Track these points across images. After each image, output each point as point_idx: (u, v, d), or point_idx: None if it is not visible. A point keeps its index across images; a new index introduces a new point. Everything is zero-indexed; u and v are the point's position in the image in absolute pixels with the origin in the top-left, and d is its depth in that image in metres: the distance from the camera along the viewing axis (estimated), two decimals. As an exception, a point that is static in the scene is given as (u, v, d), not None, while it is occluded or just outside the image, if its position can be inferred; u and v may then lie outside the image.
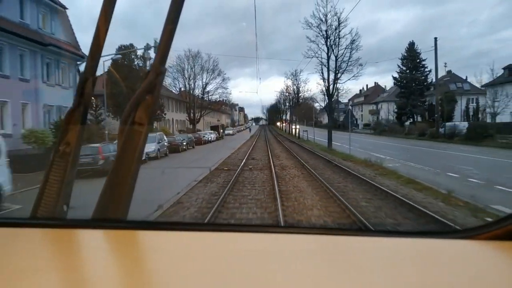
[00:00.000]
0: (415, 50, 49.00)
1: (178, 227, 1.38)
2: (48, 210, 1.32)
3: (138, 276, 0.89)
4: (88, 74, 1.37)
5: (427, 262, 0.95)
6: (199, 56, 50.80)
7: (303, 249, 1.06)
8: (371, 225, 7.12)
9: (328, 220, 7.82)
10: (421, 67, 48.86)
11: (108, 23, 1.35)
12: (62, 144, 1.36)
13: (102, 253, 1.06)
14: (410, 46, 49.11)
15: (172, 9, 1.28)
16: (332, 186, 11.23)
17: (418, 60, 48.91)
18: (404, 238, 1.20)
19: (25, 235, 1.17)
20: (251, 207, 9.14)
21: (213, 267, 0.91)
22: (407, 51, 49.47)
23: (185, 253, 1.03)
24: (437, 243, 1.09)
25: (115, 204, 1.26)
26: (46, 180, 1.35)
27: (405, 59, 49.46)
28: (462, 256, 1.00)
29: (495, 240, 1.00)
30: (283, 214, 8.06)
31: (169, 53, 1.32)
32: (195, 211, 8.72)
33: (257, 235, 1.24)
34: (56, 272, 0.92)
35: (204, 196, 10.49)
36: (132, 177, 1.28)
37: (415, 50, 49.07)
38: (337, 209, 8.73)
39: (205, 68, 51.44)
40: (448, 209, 8.25)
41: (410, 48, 49.14)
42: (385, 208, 8.79)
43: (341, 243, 1.11)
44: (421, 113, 48.90)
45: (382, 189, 10.56)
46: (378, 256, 0.99)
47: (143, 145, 1.30)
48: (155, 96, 1.30)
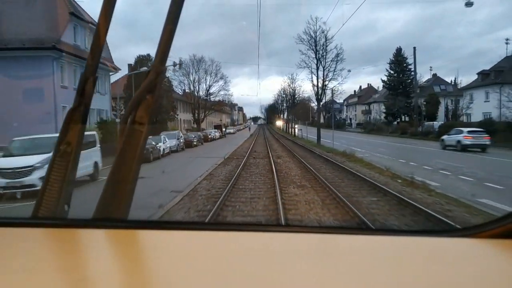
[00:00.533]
0: (402, 55, 54.16)
1: (179, 226, 1.38)
2: (49, 210, 1.32)
3: (140, 276, 0.89)
4: (88, 73, 1.36)
5: (428, 260, 0.95)
6: (203, 60, 56.16)
7: (304, 248, 1.06)
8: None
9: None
10: (407, 71, 54.03)
11: (108, 23, 1.36)
12: (63, 143, 1.35)
13: (103, 253, 1.05)
14: (397, 51, 54.32)
15: (172, 9, 1.29)
16: (312, 166, 16.39)
17: (405, 65, 54.11)
18: (405, 236, 1.22)
19: (26, 235, 1.16)
20: (257, 177, 14.33)
21: (214, 266, 0.91)
22: (395, 56, 54.64)
23: (186, 253, 1.03)
24: (437, 242, 1.09)
25: (116, 204, 1.27)
26: (47, 180, 1.35)
27: (392, 63, 54.66)
28: (463, 254, 1.00)
29: (495, 239, 1.00)
30: (278, 180, 13.09)
31: (169, 52, 1.32)
32: (222, 179, 13.88)
33: (258, 234, 1.24)
34: (57, 272, 0.91)
35: (225, 172, 15.76)
36: (133, 177, 1.28)
37: (402, 55, 54.22)
38: (309, 177, 13.93)
39: (209, 72, 56.87)
40: (377, 176, 13.48)
41: (397, 53, 54.34)
42: (340, 176, 13.97)
43: (342, 242, 1.11)
44: (407, 113, 54.06)
45: (344, 168, 15.78)
46: (379, 255, 0.99)
47: (144, 145, 1.30)
48: (156, 95, 1.30)
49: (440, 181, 12.05)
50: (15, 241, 1.09)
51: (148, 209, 8.28)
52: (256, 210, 9.07)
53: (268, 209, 9.09)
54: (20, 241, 1.10)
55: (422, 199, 9.48)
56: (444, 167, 15.38)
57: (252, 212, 8.92)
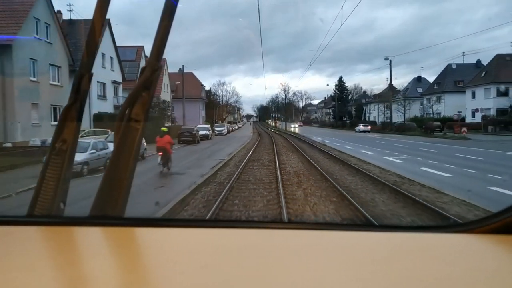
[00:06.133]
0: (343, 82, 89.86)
1: (177, 224, 1.38)
2: (45, 208, 1.31)
3: (137, 274, 0.88)
4: (84, 70, 1.34)
5: (428, 256, 0.96)
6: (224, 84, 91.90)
7: (306, 245, 1.06)
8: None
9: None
10: (345, 91, 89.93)
11: (103, 19, 1.34)
12: (59, 141, 1.34)
13: (99, 251, 1.04)
14: (339, 80, 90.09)
15: (167, 5, 1.28)
16: (295, 142, 38.31)
17: (344, 86, 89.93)
18: (406, 233, 1.24)
19: (22, 233, 1.15)
20: (265, 148, 30.48)
21: (213, 263, 0.91)
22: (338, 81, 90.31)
23: (184, 250, 1.02)
24: (438, 238, 1.11)
25: (112, 201, 1.26)
26: (43, 178, 1.34)
27: (337, 86, 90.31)
28: (462, 250, 1.01)
29: (494, 234, 1.02)
30: (276, 149, 32.17)
31: (164, 49, 1.30)
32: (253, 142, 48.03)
33: (259, 231, 1.24)
34: (53, 270, 0.91)
35: (250, 145, 34.81)
36: (130, 174, 1.28)
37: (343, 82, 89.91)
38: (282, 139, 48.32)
39: (229, 92, 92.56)
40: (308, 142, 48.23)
41: (339, 81, 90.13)
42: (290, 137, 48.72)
43: (344, 239, 1.12)
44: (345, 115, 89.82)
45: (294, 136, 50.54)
46: (381, 251, 1.00)
47: (140, 142, 1.30)
48: (152, 92, 1.29)
49: (338, 143, 36.81)
50: (11, 240, 1.08)
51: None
52: (267, 149, 42.18)
53: (269, 149, 40.36)
54: (15, 239, 1.09)
55: (327, 148, 38.33)
56: (348, 140, 40.98)
57: (264, 150, 36.45)
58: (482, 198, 9.15)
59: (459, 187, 10.77)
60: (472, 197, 9.01)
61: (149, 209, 8.03)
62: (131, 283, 0.82)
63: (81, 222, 1.24)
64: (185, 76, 47.90)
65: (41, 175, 1.35)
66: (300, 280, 0.82)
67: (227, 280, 0.82)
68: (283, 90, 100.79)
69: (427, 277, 0.83)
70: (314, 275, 0.85)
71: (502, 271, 0.88)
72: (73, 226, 1.24)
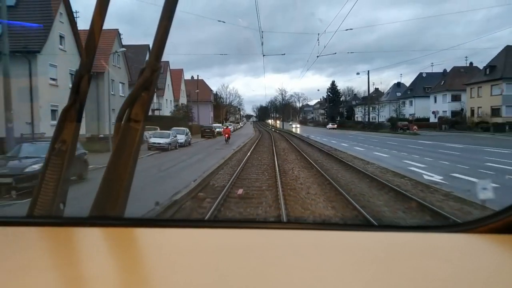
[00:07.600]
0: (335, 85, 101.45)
1: (177, 224, 1.38)
2: (44, 208, 1.31)
3: (136, 274, 0.88)
4: (83, 71, 1.33)
5: (428, 256, 0.96)
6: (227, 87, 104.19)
7: (306, 245, 1.06)
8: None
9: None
10: (337, 93, 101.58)
11: (102, 19, 1.33)
12: (58, 142, 1.34)
13: (99, 251, 1.04)
14: (332, 84, 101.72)
15: (166, 5, 1.28)
16: (287, 136, 57.63)
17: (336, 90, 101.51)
18: (406, 232, 1.23)
19: (21, 234, 1.15)
20: (266, 140, 44.89)
21: (213, 264, 0.91)
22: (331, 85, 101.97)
23: (184, 250, 1.02)
24: (438, 237, 1.11)
25: (112, 202, 1.26)
26: (43, 178, 1.34)
27: (330, 89, 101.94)
28: (462, 249, 1.01)
29: (494, 234, 1.02)
30: (274, 140, 57.89)
31: (164, 49, 1.31)
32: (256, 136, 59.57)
33: (258, 231, 1.23)
34: (53, 271, 0.91)
35: (253, 140, 46.79)
36: (129, 174, 1.27)
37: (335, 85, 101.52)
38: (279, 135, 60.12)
39: (232, 94, 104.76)
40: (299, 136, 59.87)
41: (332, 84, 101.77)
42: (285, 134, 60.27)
43: (344, 239, 1.12)
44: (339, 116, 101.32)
45: (290, 133, 62.15)
46: (381, 251, 1.00)
47: (140, 142, 1.30)
48: (151, 92, 1.29)
49: (319, 137, 52.53)
50: (11, 240, 1.08)
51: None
52: (267, 140, 53.78)
53: (268, 139, 53.72)
54: (15, 240, 1.09)
55: (307, 140, 52.74)
56: (326, 135, 56.67)
57: (265, 141, 53.36)
58: (396, 167, 14.80)
59: (385, 162, 16.91)
60: (390, 167, 14.74)
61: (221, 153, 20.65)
62: (131, 283, 0.82)
63: (81, 223, 1.25)
64: (197, 82, 62.19)
65: (40, 176, 1.35)
66: (300, 280, 0.82)
67: (226, 280, 0.82)
68: (280, 94, 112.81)
69: (426, 276, 0.83)
70: (314, 275, 0.85)
71: (502, 271, 0.88)
72: (73, 226, 1.25)
